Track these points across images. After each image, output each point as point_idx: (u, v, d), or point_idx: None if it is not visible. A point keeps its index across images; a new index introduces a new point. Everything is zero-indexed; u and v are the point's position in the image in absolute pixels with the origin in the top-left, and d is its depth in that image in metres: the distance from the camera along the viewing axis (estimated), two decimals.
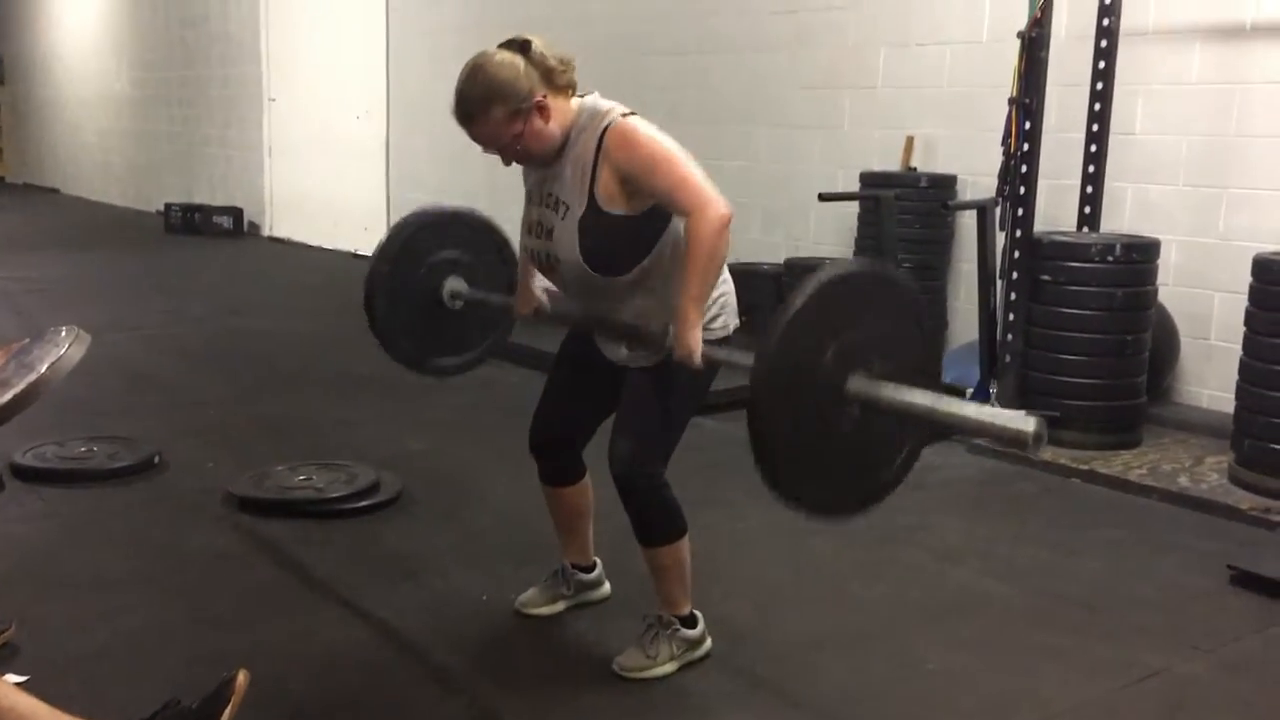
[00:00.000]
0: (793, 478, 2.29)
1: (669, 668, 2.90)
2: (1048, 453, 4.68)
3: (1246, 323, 4.33)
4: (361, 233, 10.71)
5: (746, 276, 6.77)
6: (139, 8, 14.71)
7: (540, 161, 2.74)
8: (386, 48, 10.41)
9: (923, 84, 6.32)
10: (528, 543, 3.62)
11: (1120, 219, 5.32)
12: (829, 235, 6.80)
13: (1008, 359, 5.01)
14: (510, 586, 3.33)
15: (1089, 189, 5.17)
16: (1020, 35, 4.90)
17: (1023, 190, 4.93)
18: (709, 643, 2.98)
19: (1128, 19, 5.07)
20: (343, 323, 7.70)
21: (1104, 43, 5.06)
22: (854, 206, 6.36)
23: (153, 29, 14.42)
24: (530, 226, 2.80)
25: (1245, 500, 4.12)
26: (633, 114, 2.71)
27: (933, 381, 2.39)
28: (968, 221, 5.70)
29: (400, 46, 10.29)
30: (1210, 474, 4.41)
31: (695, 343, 2.59)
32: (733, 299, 2.86)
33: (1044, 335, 4.82)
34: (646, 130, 2.67)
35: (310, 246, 11.45)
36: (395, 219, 3.46)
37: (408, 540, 3.80)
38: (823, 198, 5.87)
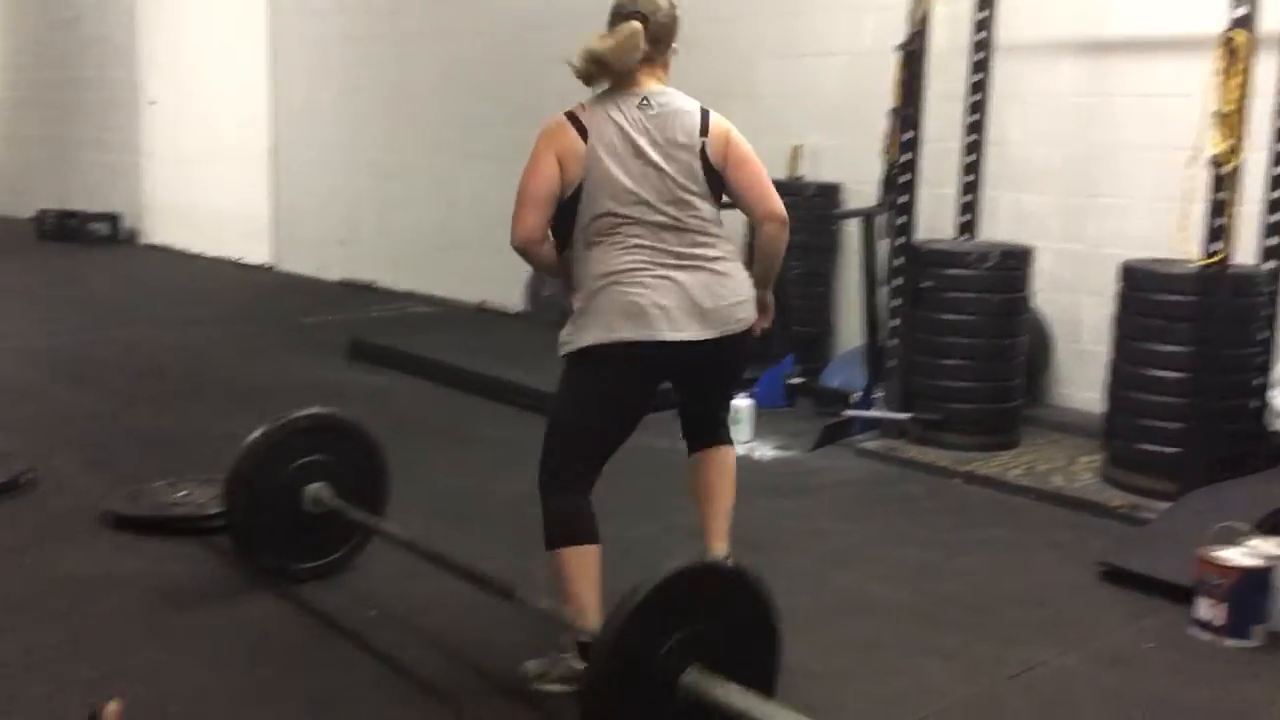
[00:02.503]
0: None
1: (554, 689, 2.84)
2: (931, 455, 4.81)
3: (1114, 327, 4.50)
4: (245, 240, 10.48)
5: None
6: (8, 9, 14.14)
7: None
8: (270, 54, 10.19)
9: (808, 94, 6.43)
10: (413, 557, 3.58)
11: (997, 227, 5.48)
12: None
13: (891, 364, 5.13)
14: (394, 603, 3.29)
15: (967, 198, 5.33)
16: (899, 48, 5.03)
17: (904, 199, 5.06)
18: None
19: (1002, 33, 5.25)
20: (228, 332, 7.54)
21: (980, 56, 5.22)
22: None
23: (23, 30, 13.88)
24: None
25: (1116, 498, 4.29)
26: None
27: (767, 684, 2.40)
28: (853, 229, 5.81)
29: (284, 54, 10.08)
30: (1083, 473, 4.58)
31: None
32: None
33: (925, 341, 4.95)
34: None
35: (191, 254, 11.14)
36: (282, 226, 3.42)
37: None
38: None
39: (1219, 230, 4.09)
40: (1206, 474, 4.13)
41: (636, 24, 2.93)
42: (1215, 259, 4.10)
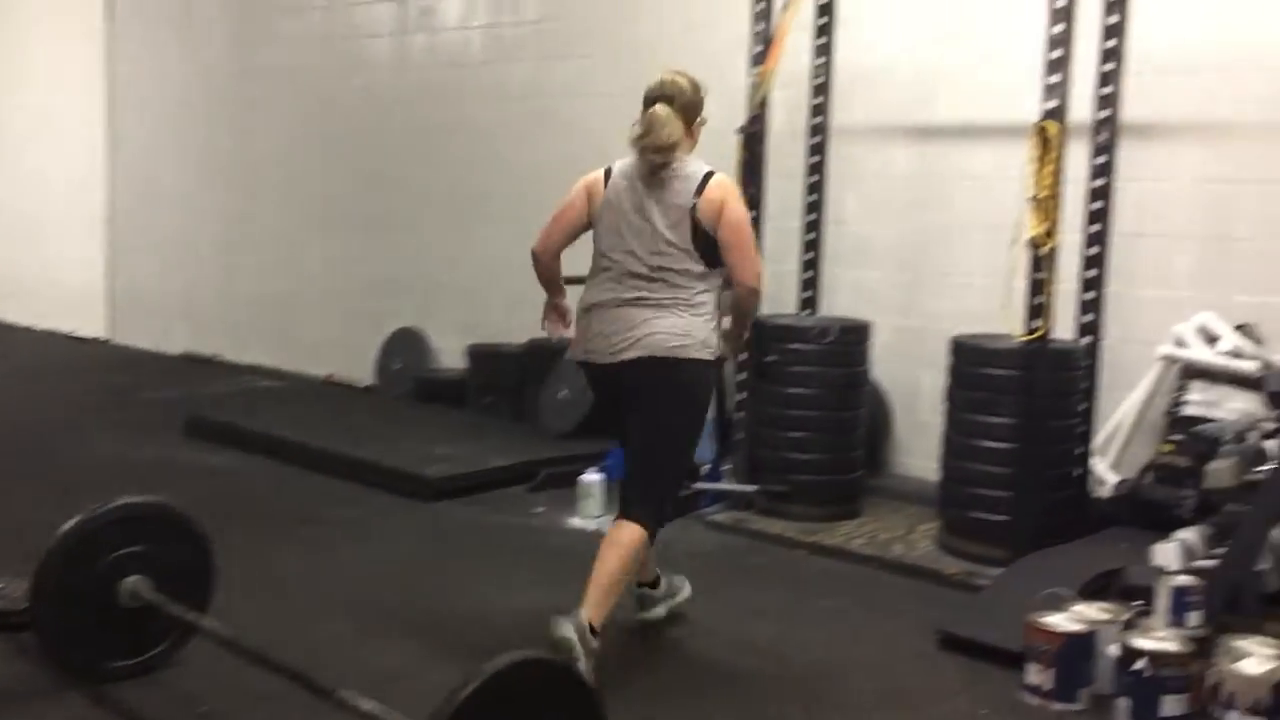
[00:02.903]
0: None
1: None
2: (778, 526, 4.89)
3: (946, 400, 4.69)
4: (78, 312, 10.03)
5: (489, 358, 6.88)
6: None
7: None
8: (107, 117, 9.88)
9: None
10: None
11: (837, 302, 5.65)
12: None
13: (739, 437, 5.21)
14: (221, 700, 3.15)
15: (808, 274, 5.50)
16: (740, 130, 5.18)
17: None
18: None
19: (837, 117, 5.47)
20: (57, 411, 7.17)
21: (817, 139, 5.43)
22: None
23: None
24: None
25: (952, 565, 4.43)
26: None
27: None
28: None
29: (122, 116, 9.78)
30: (922, 541, 4.72)
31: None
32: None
33: (771, 413, 5.06)
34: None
35: (19, 327, 10.60)
36: (118, 296, 3.31)
37: None
38: (566, 281, 5.95)
39: (1039, 308, 4.32)
40: (1035, 540, 4.30)
41: (662, 108, 3.50)
42: (1036, 335, 4.31)
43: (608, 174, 3.59)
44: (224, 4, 8.98)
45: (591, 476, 5.14)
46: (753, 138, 5.17)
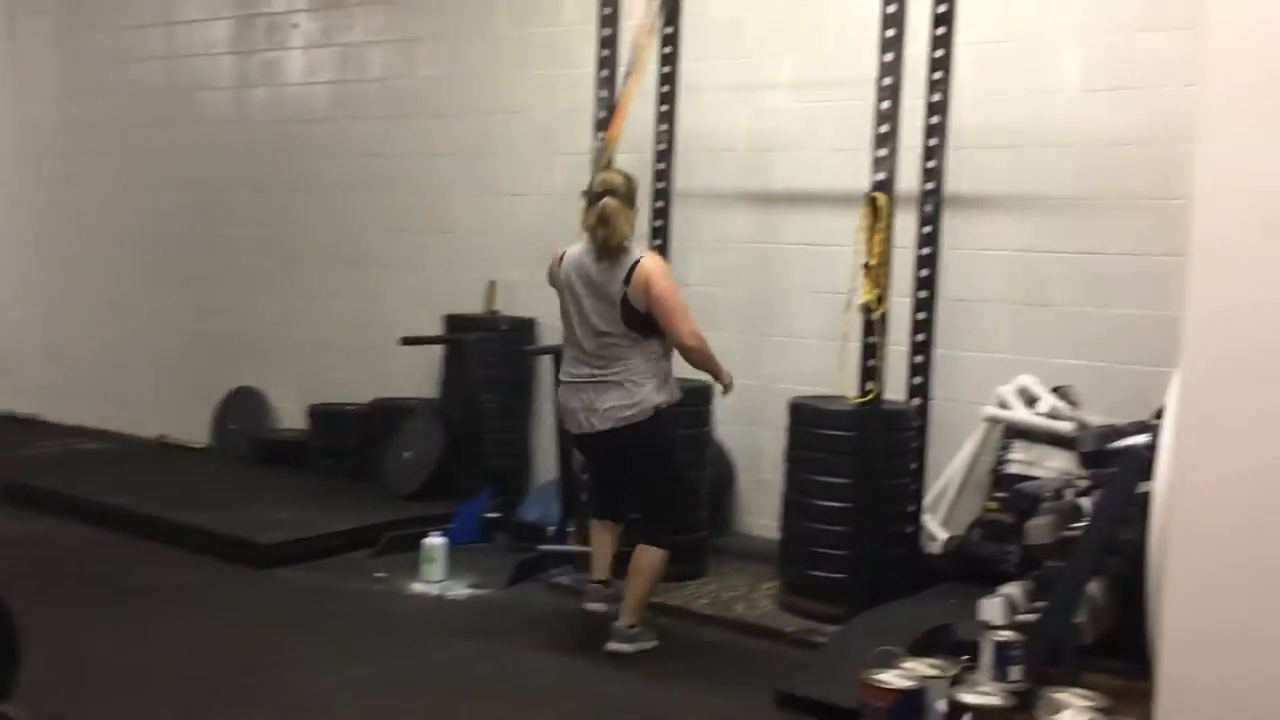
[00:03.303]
0: None
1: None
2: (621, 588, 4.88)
3: (785, 460, 4.79)
4: None
5: (331, 419, 6.73)
6: None
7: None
8: None
9: (504, 230, 6.58)
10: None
11: (680, 364, 5.71)
12: (416, 376, 6.82)
13: (583, 498, 5.21)
14: None
15: None
16: (584, 194, 5.24)
17: None
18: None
19: (680, 182, 5.58)
20: None
21: (660, 203, 5.53)
22: (439, 348, 6.45)
23: None
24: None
25: (792, 624, 4.50)
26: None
27: None
28: (548, 363, 5.92)
29: None
30: (763, 600, 4.79)
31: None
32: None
33: None
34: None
35: None
36: None
37: None
38: (404, 341, 5.90)
39: (871, 370, 4.47)
40: (871, 597, 4.41)
41: (613, 201, 4.21)
42: (869, 397, 4.46)
43: (560, 258, 4.32)
44: (54, 53, 8.65)
45: (435, 539, 5.06)
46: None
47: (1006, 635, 3.60)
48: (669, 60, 5.52)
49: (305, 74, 7.41)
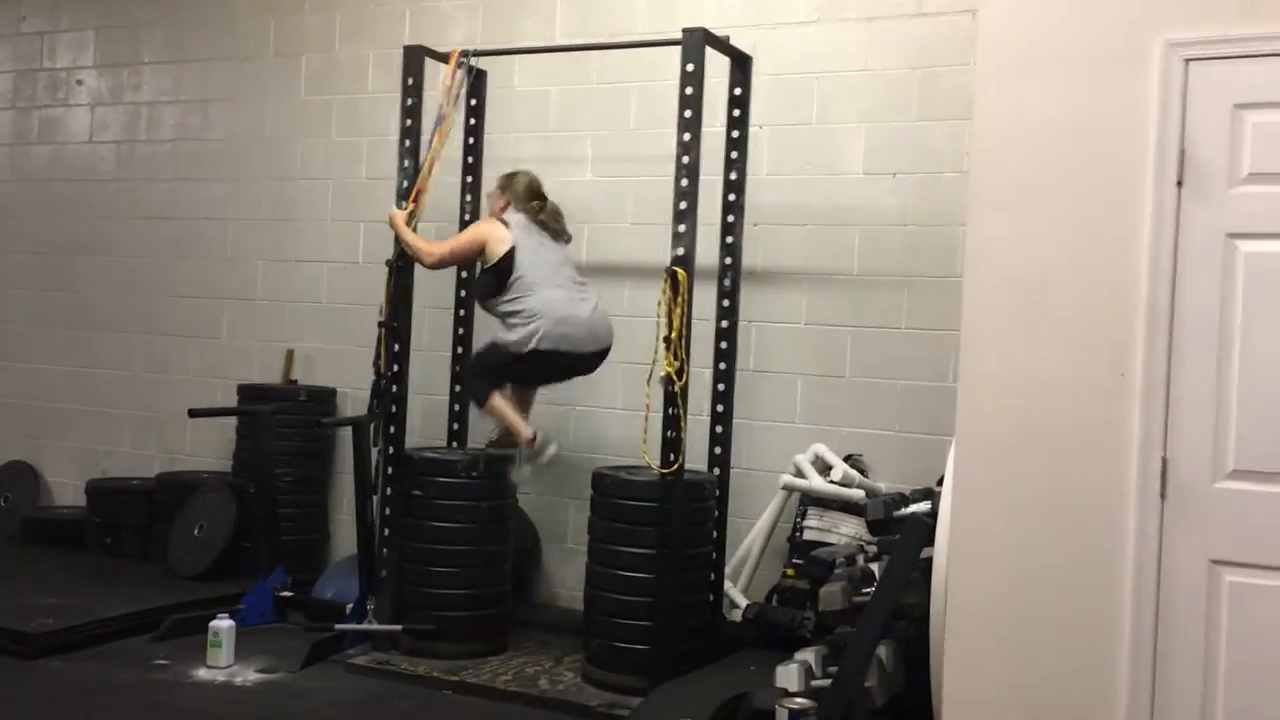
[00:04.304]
0: None
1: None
2: (422, 667, 4.76)
3: (589, 530, 4.80)
4: None
5: (113, 494, 6.35)
6: None
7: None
8: None
9: (302, 298, 6.41)
10: None
11: (486, 433, 5.65)
12: (207, 448, 6.53)
13: (384, 573, 5.07)
14: None
15: (456, 407, 5.51)
16: (388, 263, 5.18)
17: (393, 409, 5.12)
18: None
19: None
20: None
21: (464, 273, 5.51)
22: (233, 419, 6.19)
23: None
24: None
25: (595, 698, 4.47)
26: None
27: None
28: (348, 434, 5.76)
29: None
30: (567, 673, 4.74)
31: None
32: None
33: (417, 549, 4.96)
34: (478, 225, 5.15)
35: None
36: None
37: None
38: (193, 414, 5.66)
39: (673, 441, 4.54)
40: (674, 667, 4.43)
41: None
42: (671, 468, 4.52)
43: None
44: None
45: (222, 622, 4.80)
46: (400, 270, 5.17)
47: (800, 703, 3.67)
48: (474, 131, 5.55)
49: (90, 132, 7.09)
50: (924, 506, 4.04)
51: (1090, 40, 3.21)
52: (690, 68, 4.60)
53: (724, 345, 5.02)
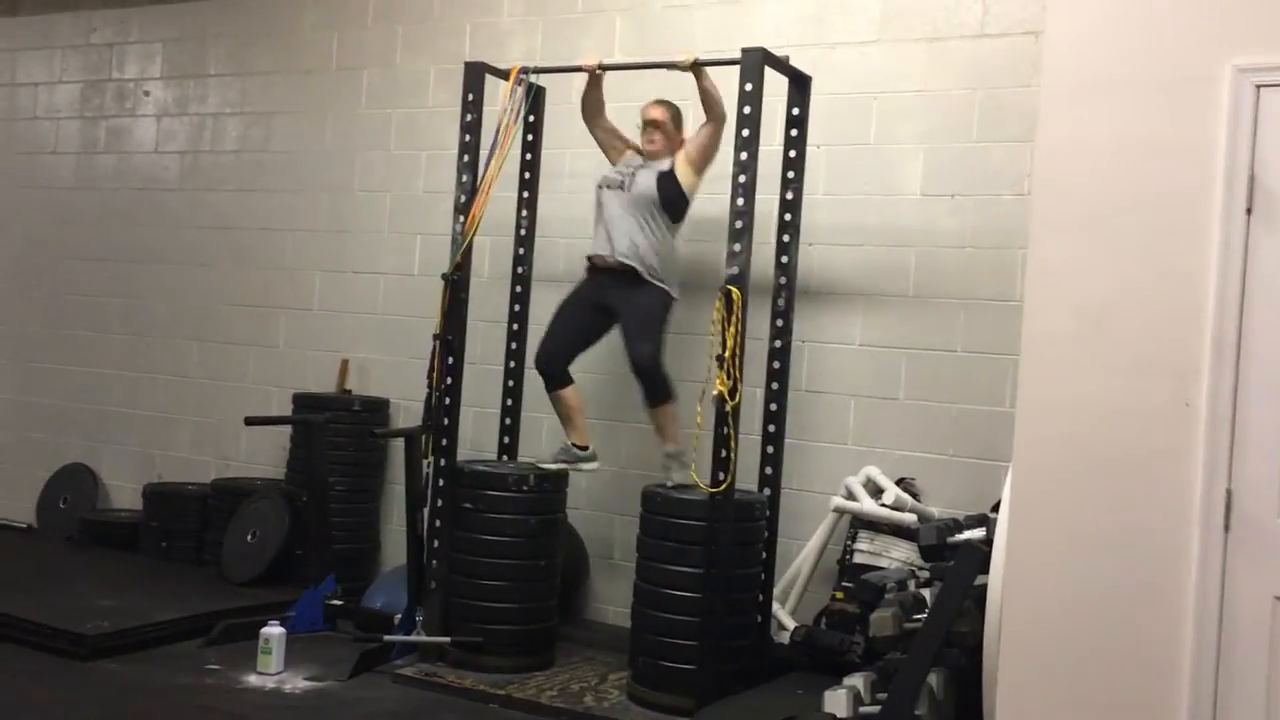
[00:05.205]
0: None
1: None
2: (468, 679, 4.77)
3: (638, 549, 4.78)
4: None
5: (168, 498, 6.43)
6: None
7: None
8: None
9: (358, 309, 6.47)
10: None
11: (539, 448, 5.66)
12: (262, 455, 6.61)
13: (433, 585, 5.09)
14: None
15: (507, 420, 5.53)
16: (444, 276, 5.21)
17: (445, 421, 5.15)
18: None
19: (539, 266, 5.61)
20: None
21: (519, 288, 5.54)
22: (288, 427, 6.26)
23: None
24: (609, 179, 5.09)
25: (641, 716, 4.46)
26: None
27: None
28: (400, 445, 5.80)
29: None
30: (612, 691, 4.72)
31: None
32: None
33: (466, 561, 4.98)
34: None
35: None
36: None
37: None
38: (249, 421, 5.73)
39: (724, 460, 4.51)
40: (720, 688, 4.41)
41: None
42: (721, 487, 4.50)
43: None
44: None
45: (273, 629, 4.85)
46: (456, 284, 5.20)
47: None
48: (530, 147, 5.58)
49: (156, 142, 7.22)
50: (978, 533, 3.99)
51: (1158, 64, 3.16)
52: (749, 87, 4.60)
53: (777, 365, 4.99)
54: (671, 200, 4.92)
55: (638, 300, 4.91)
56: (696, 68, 4.83)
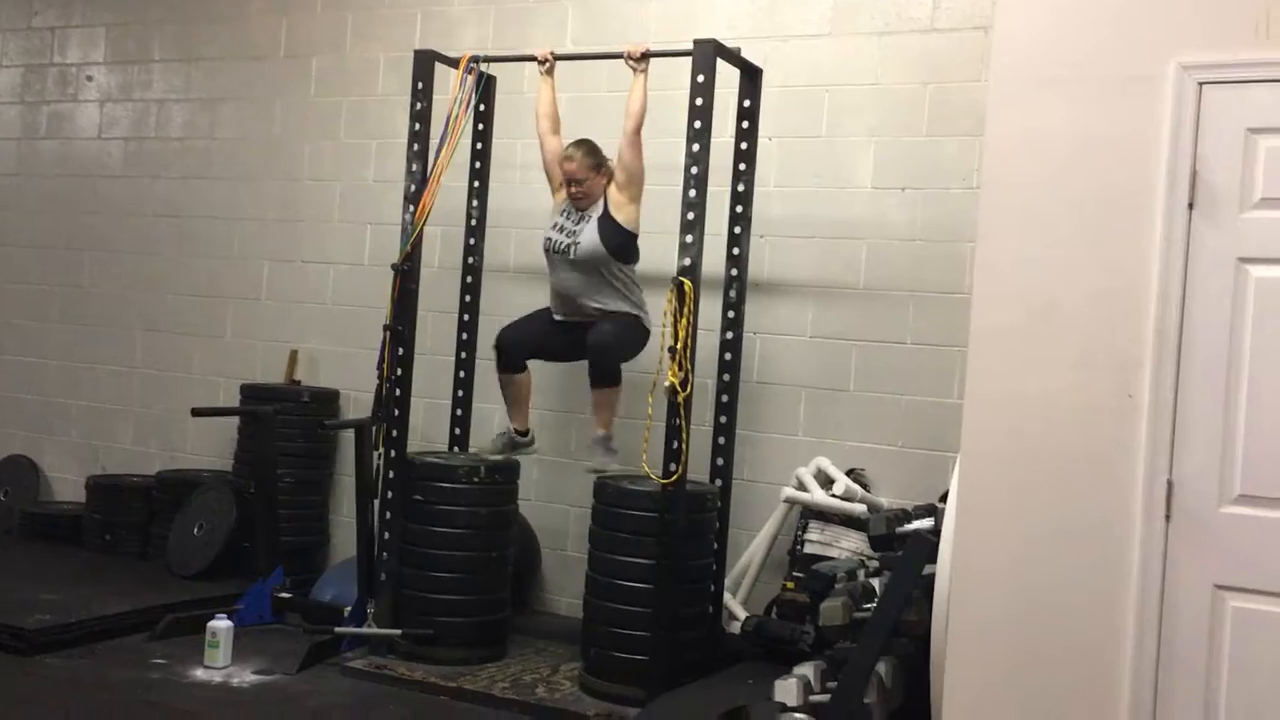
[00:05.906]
0: None
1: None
2: (419, 672, 4.75)
3: (590, 540, 4.78)
4: None
5: (113, 491, 6.33)
6: None
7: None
8: None
9: (307, 299, 6.40)
10: None
11: (488, 438, 5.63)
12: (208, 447, 6.52)
13: (383, 577, 5.05)
14: None
15: (458, 411, 5.50)
16: (394, 267, 5.17)
17: (396, 412, 5.11)
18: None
19: (490, 258, 5.60)
20: None
21: (469, 278, 5.52)
22: (235, 418, 6.18)
23: None
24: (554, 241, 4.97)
25: (593, 707, 4.46)
26: None
27: None
28: (350, 437, 5.75)
29: None
30: (564, 682, 4.73)
31: None
32: None
33: (417, 553, 4.95)
34: None
35: None
36: None
37: None
38: (196, 413, 5.66)
39: (675, 452, 4.52)
40: (672, 678, 4.42)
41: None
42: (673, 478, 4.51)
43: None
44: None
45: (220, 622, 4.79)
46: (406, 275, 5.15)
47: (799, 718, 3.66)
48: (481, 136, 5.55)
49: (99, 128, 7.09)
50: (927, 523, 4.03)
51: (1103, 61, 3.20)
52: (701, 79, 4.60)
53: (728, 356, 5.01)
54: (620, 246, 4.88)
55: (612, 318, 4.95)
56: (646, 60, 4.80)
